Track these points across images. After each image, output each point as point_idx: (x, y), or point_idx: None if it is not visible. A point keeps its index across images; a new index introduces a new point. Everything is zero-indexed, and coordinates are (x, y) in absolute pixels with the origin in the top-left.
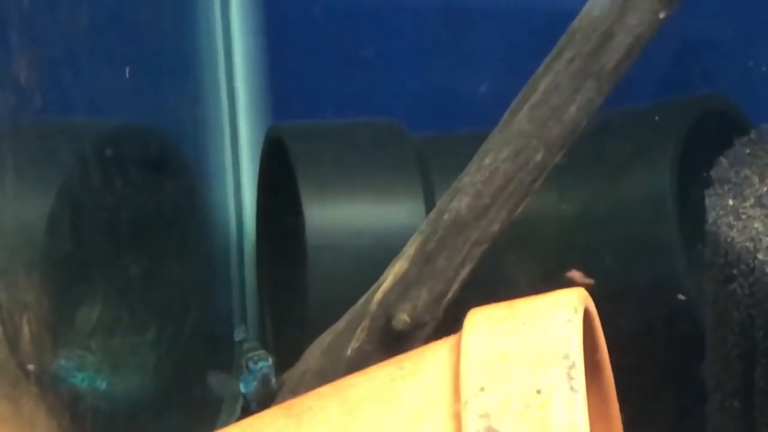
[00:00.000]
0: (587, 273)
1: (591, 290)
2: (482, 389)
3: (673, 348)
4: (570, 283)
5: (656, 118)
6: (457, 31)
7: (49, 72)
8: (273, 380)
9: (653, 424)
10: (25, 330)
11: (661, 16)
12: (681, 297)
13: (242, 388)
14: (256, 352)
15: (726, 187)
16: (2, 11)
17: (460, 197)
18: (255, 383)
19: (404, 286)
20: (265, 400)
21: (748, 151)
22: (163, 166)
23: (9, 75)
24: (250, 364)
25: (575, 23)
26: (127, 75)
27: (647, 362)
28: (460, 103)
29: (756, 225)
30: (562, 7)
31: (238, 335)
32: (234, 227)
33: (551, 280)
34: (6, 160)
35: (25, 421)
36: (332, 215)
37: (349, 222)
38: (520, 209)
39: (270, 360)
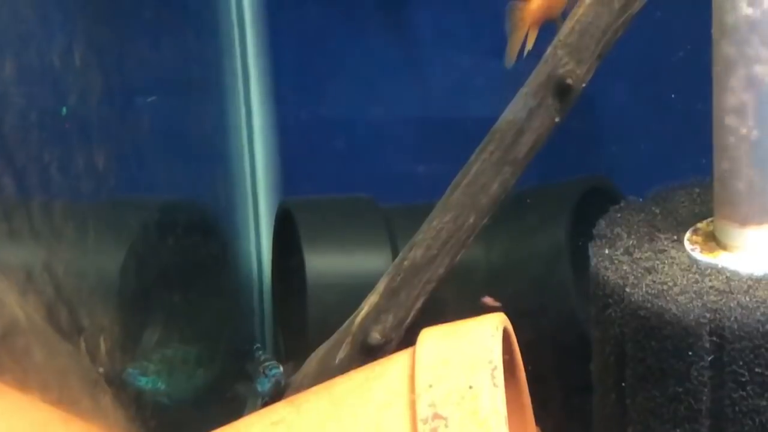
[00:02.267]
0: (496, 299)
1: (504, 311)
2: (430, 386)
3: (568, 355)
4: (485, 307)
5: (554, 192)
6: (417, 133)
7: (119, 159)
8: (282, 382)
9: (555, 411)
10: (102, 346)
11: (556, 120)
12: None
13: (259, 388)
14: (271, 362)
15: (603, 241)
16: (85, 119)
17: (416, 249)
18: (269, 385)
19: (376, 313)
20: (276, 397)
21: (619, 215)
22: (203, 230)
23: (91, 162)
24: (266, 371)
25: (496, 125)
26: (176, 162)
27: (550, 365)
28: (415, 184)
29: (624, 267)
30: (490, 116)
31: (257, 351)
32: (255, 272)
33: (480, 309)
34: (90, 225)
35: (103, 412)
36: (325, 263)
37: (338, 267)
38: (458, 257)
39: (280, 368)
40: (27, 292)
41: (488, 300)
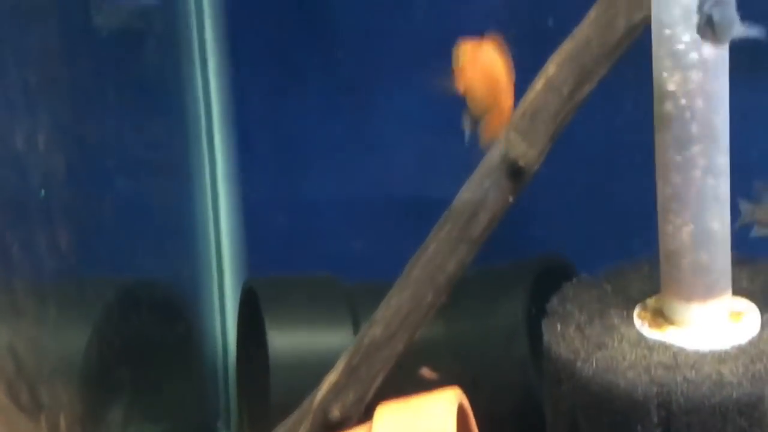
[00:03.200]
0: (434, 370)
1: (443, 384)
2: None
3: (526, 430)
4: (424, 379)
5: (511, 271)
6: (378, 212)
7: (83, 239)
8: None
9: None
10: (62, 423)
11: (510, 200)
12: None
13: None
14: None
15: (556, 317)
16: (49, 199)
17: (375, 327)
18: None
19: (336, 391)
20: None
21: (571, 292)
22: (167, 309)
23: (55, 242)
24: None
25: (452, 205)
26: (141, 241)
27: None
28: (376, 261)
29: (576, 343)
30: (449, 196)
31: (220, 428)
32: (220, 350)
33: (439, 383)
34: (53, 304)
35: None
36: (287, 341)
37: (300, 346)
38: (417, 334)
39: None
40: None
41: (425, 372)
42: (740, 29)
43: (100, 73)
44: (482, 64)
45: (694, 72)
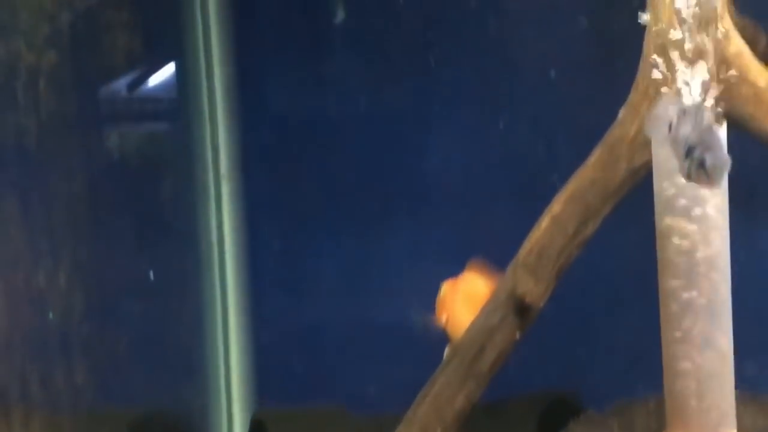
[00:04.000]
0: None
1: None
2: None
3: None
4: None
5: (519, 405)
6: (388, 344)
7: (96, 373)
8: None
9: None
10: None
11: (517, 336)
12: None
13: None
14: None
15: None
16: (66, 334)
17: None
18: None
19: None
20: None
21: (578, 428)
22: None
23: (70, 377)
24: None
25: (459, 341)
26: (152, 373)
27: None
28: (387, 392)
29: None
30: None
31: None
32: None
33: None
34: None
35: None
36: None
37: None
38: None
39: None
40: None
41: None
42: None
43: (117, 205)
44: (464, 294)
45: (696, 223)
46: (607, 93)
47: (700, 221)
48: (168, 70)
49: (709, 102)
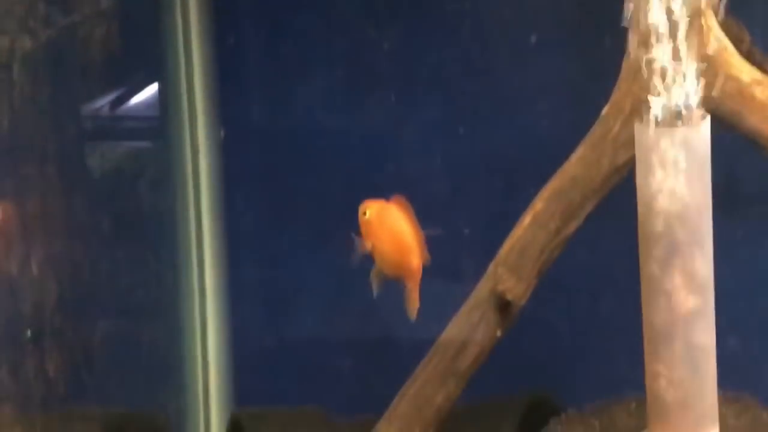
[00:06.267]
0: None
1: None
2: None
3: None
4: None
5: (498, 406)
6: (366, 347)
7: (72, 371)
8: None
9: None
10: None
11: (498, 334)
12: None
13: None
14: None
15: None
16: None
17: None
18: None
19: None
20: None
21: (559, 428)
22: None
23: (43, 373)
24: None
25: (440, 339)
26: (128, 373)
27: None
28: (366, 394)
29: None
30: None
31: None
32: None
33: None
34: None
35: None
36: None
37: None
38: None
39: None
40: None
41: None
42: None
43: (95, 210)
44: (388, 224)
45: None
46: (592, 90)
47: (681, 215)
48: (149, 79)
49: (693, 98)
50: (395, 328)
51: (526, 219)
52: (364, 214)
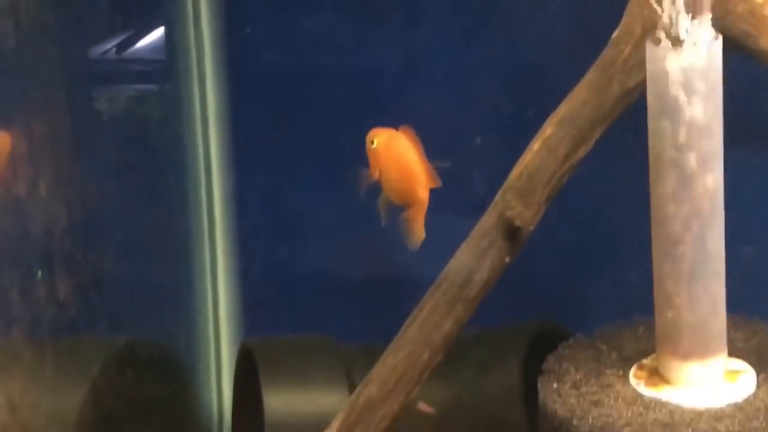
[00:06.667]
0: (431, 405)
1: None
2: None
3: None
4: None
5: (507, 333)
6: (374, 275)
7: (85, 299)
8: None
9: None
10: None
11: (507, 260)
12: None
13: None
14: None
15: (552, 376)
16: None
17: (371, 385)
18: None
19: None
20: None
21: (567, 351)
22: (164, 368)
23: (55, 298)
24: None
25: (449, 265)
26: (140, 302)
27: None
28: (370, 325)
29: (572, 401)
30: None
31: None
32: (216, 409)
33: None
34: (51, 358)
35: None
36: (283, 401)
37: (295, 405)
38: (413, 394)
39: None
40: None
41: (423, 406)
42: None
43: (108, 145)
44: (396, 153)
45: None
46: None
47: (690, 125)
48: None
49: (705, 21)
50: (402, 258)
51: (535, 144)
52: (372, 143)
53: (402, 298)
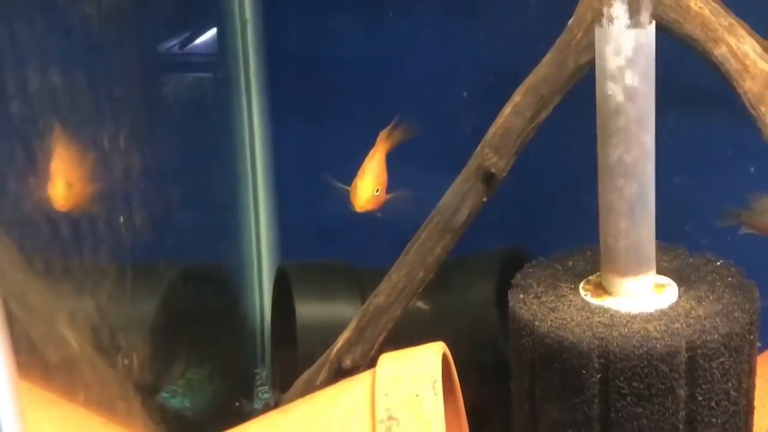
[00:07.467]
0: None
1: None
2: (386, 395)
3: (493, 378)
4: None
5: (484, 258)
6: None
7: (155, 229)
8: (271, 403)
9: (484, 418)
10: (135, 361)
11: (484, 200)
12: None
13: (255, 405)
14: (263, 387)
15: (519, 289)
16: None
17: (379, 297)
18: (261, 404)
19: (348, 345)
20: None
21: (531, 270)
22: (218, 284)
23: (134, 230)
24: (260, 394)
25: (440, 203)
26: (198, 232)
27: (480, 382)
28: (380, 252)
29: (534, 307)
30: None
31: (257, 376)
32: (258, 317)
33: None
34: (131, 275)
35: (134, 416)
36: (311, 309)
37: (320, 313)
38: (411, 303)
39: (269, 393)
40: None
41: (420, 304)
42: None
43: (175, 113)
44: (369, 159)
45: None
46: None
47: (630, 98)
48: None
49: (644, 14)
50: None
51: (507, 109)
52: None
53: (404, 233)
